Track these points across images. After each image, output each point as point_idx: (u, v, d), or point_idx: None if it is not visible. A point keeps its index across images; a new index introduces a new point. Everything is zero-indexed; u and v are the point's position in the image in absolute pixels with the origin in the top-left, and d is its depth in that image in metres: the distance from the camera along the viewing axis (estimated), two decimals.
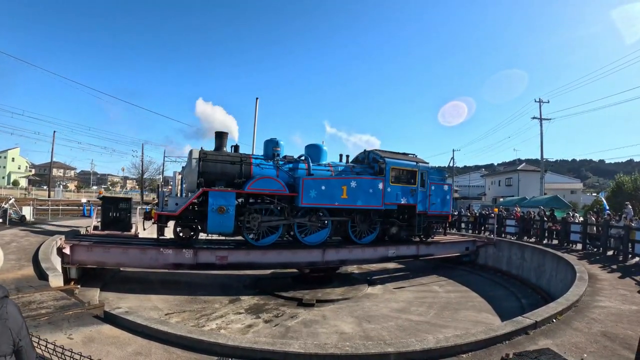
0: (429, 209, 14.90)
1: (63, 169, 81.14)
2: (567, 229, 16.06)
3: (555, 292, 10.87)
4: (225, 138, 13.10)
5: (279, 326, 9.21)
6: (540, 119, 35.67)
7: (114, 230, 14.01)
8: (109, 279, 11.92)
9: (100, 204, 16.09)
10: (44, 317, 5.66)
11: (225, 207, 11.34)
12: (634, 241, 12.39)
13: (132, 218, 14.87)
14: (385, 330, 9.11)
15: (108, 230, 14.07)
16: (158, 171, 48.45)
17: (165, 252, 11.19)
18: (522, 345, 5.39)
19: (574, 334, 5.90)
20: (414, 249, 15.05)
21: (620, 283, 9.46)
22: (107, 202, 15.12)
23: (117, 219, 14.35)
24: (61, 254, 10.34)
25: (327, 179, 12.98)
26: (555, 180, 51.01)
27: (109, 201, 15.35)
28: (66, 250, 10.35)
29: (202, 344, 5.12)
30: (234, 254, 12.00)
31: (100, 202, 15.85)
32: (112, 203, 14.90)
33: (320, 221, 13.14)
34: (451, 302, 11.93)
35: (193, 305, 10.40)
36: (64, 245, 10.52)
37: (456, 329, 8.78)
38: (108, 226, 14.25)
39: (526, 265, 14.80)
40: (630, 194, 28.19)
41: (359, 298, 12.08)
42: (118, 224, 14.30)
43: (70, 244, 10.62)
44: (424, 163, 15.22)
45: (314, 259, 12.94)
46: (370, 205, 13.51)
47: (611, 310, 7.13)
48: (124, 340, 5.20)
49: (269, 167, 12.74)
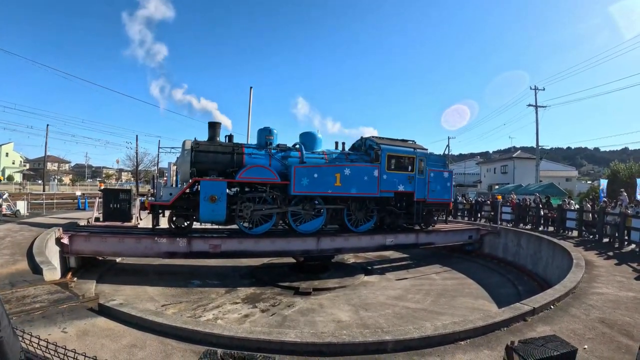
0: (428, 196, 14.64)
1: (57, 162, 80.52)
2: (562, 216, 16.09)
3: (552, 279, 10.92)
4: (218, 128, 13.15)
5: (275, 315, 9.19)
6: (536, 106, 35.66)
7: (114, 221, 14.20)
8: (105, 271, 11.86)
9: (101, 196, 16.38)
10: (38, 311, 5.57)
11: (217, 196, 11.47)
12: (630, 228, 12.40)
13: (132, 209, 15.08)
14: (383, 318, 9.11)
15: (109, 221, 14.27)
16: (153, 162, 48.11)
17: (160, 241, 11.48)
18: (520, 332, 5.37)
19: (572, 320, 5.89)
20: (413, 237, 14.93)
21: (617, 270, 9.47)
22: (107, 193, 15.43)
23: (118, 210, 14.60)
24: (60, 244, 10.67)
25: (319, 166, 12.87)
26: (551, 167, 51.16)
27: (110, 193, 15.64)
28: (64, 240, 10.71)
29: (198, 335, 5.08)
30: (227, 242, 12.13)
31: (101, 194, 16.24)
32: (112, 195, 15.16)
33: (314, 209, 13.07)
34: (448, 289, 11.95)
35: (189, 296, 10.36)
36: (62, 235, 10.82)
37: (453, 316, 8.80)
38: (109, 217, 14.49)
39: (522, 252, 14.83)
40: (625, 182, 28.31)
41: (356, 286, 12.08)
42: (119, 215, 14.54)
43: (68, 234, 10.97)
44: (423, 149, 14.94)
45: (308, 248, 12.93)
46: (365, 193, 13.39)
47: (609, 297, 7.12)
48: (119, 333, 5.13)
49: (261, 156, 12.70)
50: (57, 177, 66.67)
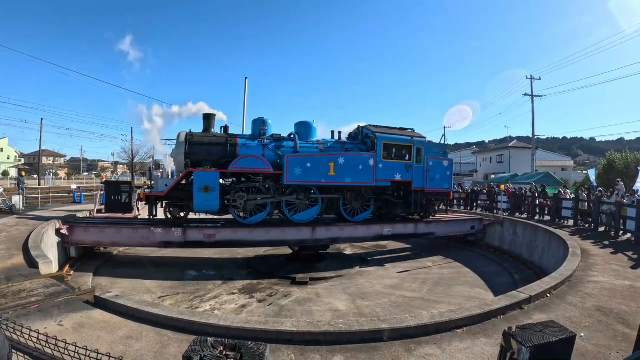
0: (427, 185, 14.39)
1: (53, 156, 79.72)
2: (558, 205, 16.14)
3: (548, 268, 10.96)
4: (213, 120, 13.12)
5: (272, 305, 9.21)
6: (532, 95, 35.60)
7: (116, 213, 14.40)
8: (102, 264, 11.89)
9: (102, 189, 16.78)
10: (34, 305, 5.53)
11: (210, 186, 11.61)
12: (626, 217, 12.45)
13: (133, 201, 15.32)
14: (379, 307, 9.14)
15: (111, 213, 14.48)
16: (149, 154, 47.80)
17: (156, 231, 11.72)
18: (517, 319, 5.39)
19: (568, 308, 5.92)
20: (412, 227, 14.72)
21: (613, 259, 9.51)
22: (109, 186, 15.77)
23: (119, 202, 14.85)
24: (60, 235, 11.08)
25: (312, 155, 12.77)
26: (546, 157, 51.32)
27: (111, 185, 16.03)
28: (64, 231, 11.13)
29: (194, 326, 5.06)
30: (222, 232, 12.28)
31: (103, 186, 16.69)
32: (114, 187, 15.47)
33: (309, 199, 13.04)
34: (444, 278, 11.98)
35: (186, 288, 10.36)
36: (61, 227, 11.19)
37: (450, 304, 8.82)
38: (111, 209, 14.73)
39: (518, 241, 14.85)
40: (621, 172, 28.43)
41: (353, 276, 12.10)
42: (120, 206, 14.78)
43: (67, 225, 11.39)
44: (421, 137, 14.68)
45: (303, 237, 12.93)
46: (361, 182, 13.27)
47: (605, 286, 7.16)
48: (115, 325, 5.11)
49: (255, 147, 12.65)
50: (52, 171, 66.18)
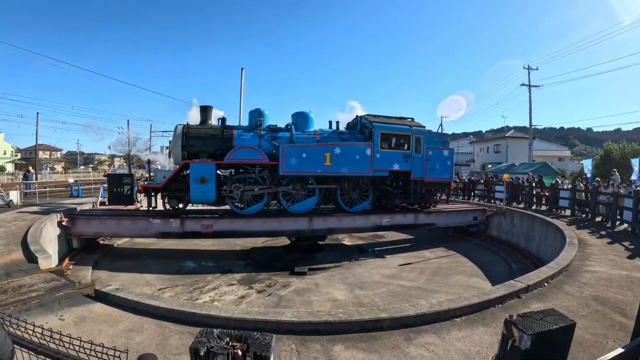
0: (426, 175, 14.22)
1: (49, 150, 79.23)
2: (555, 195, 16.20)
3: (545, 257, 11.04)
4: (209, 111, 13.14)
5: (272, 296, 9.26)
6: (529, 85, 35.52)
7: (119, 205, 14.56)
8: (101, 257, 11.88)
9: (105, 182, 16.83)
10: (35, 300, 5.54)
11: (206, 177, 11.71)
12: (622, 208, 12.49)
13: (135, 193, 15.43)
14: (378, 297, 9.21)
15: (113, 205, 14.65)
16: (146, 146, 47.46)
17: (154, 222, 11.90)
18: (515, 308, 5.44)
19: (565, 297, 5.98)
20: (412, 217, 14.58)
21: (610, 248, 9.57)
22: (111, 179, 15.87)
23: (121, 194, 14.97)
24: (62, 227, 11.33)
25: (307, 146, 12.73)
26: (543, 147, 51.27)
27: (113, 178, 16.13)
28: (65, 223, 11.38)
29: (195, 317, 5.09)
30: (219, 222, 12.38)
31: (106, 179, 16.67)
32: (116, 180, 15.58)
33: (305, 189, 13.02)
34: (442, 267, 12.06)
35: (186, 279, 10.39)
36: (63, 219, 11.43)
37: (448, 293, 8.91)
38: (113, 201, 14.89)
39: (515, 230, 14.90)
40: (618, 162, 28.51)
41: (351, 265, 12.18)
42: (122, 198, 14.91)
43: (69, 218, 11.65)
44: (420, 127, 14.48)
45: (300, 228, 12.97)
46: (357, 172, 13.17)
47: (601, 275, 7.21)
48: (116, 318, 5.14)
49: (251, 138, 12.62)
50: (49, 165, 65.85)
